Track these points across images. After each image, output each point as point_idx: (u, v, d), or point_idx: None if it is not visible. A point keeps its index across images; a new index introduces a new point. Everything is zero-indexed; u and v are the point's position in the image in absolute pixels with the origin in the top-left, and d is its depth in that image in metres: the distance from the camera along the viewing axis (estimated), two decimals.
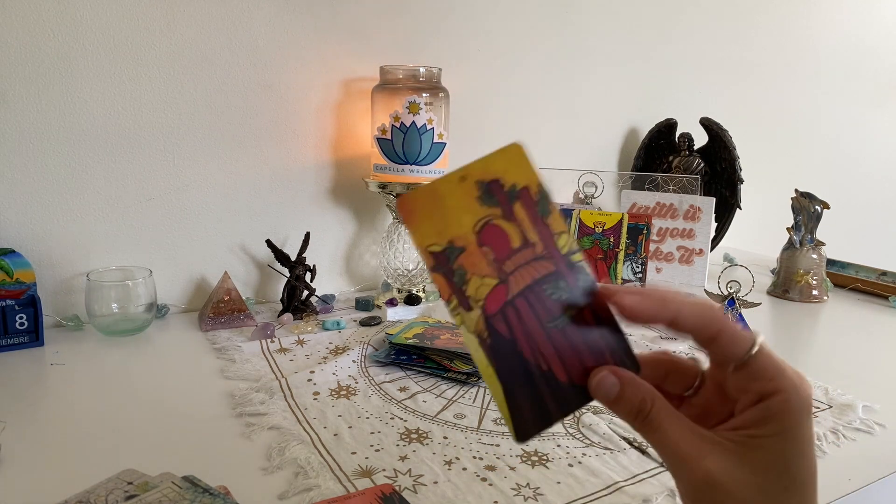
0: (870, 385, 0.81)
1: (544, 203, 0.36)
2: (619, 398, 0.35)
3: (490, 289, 0.35)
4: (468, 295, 0.35)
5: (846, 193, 1.90)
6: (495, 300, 0.35)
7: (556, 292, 0.36)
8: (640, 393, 0.35)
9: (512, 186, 0.36)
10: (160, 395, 0.72)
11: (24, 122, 0.86)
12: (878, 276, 1.25)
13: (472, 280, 0.35)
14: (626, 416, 0.35)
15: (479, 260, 0.35)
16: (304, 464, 0.57)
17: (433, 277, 0.35)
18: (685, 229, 1.24)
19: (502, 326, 0.35)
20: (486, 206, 0.36)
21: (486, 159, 0.36)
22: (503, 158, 0.36)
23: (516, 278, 0.36)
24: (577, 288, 0.36)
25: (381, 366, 0.81)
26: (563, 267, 0.36)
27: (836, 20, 1.81)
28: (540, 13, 1.25)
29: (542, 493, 0.55)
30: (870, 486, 0.59)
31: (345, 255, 1.14)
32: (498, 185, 0.36)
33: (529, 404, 0.35)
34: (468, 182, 0.36)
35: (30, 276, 0.83)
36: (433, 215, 0.35)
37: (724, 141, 1.34)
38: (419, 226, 0.35)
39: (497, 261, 0.36)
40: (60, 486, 0.52)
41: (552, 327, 0.36)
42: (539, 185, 0.37)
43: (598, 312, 0.36)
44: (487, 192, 0.36)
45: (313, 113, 1.05)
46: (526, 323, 0.35)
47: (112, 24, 0.89)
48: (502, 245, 0.36)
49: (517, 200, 0.36)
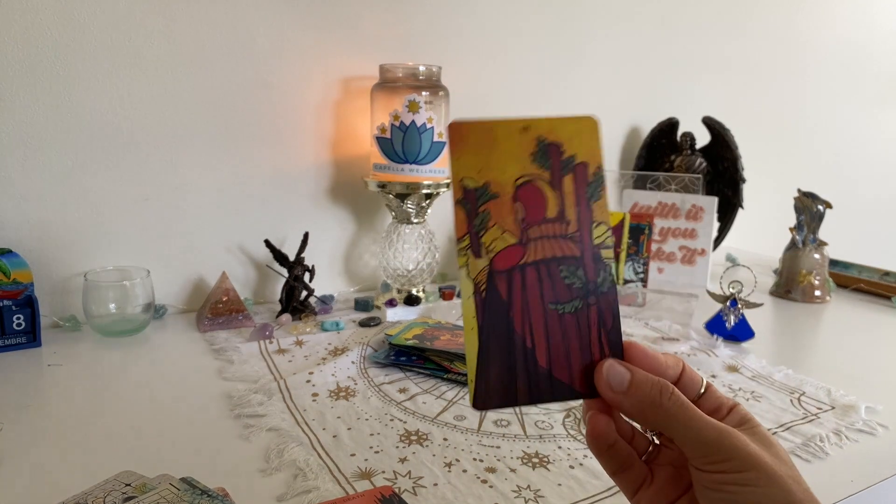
0: (872, 386, 0.80)
1: (597, 187, 0.35)
2: (631, 386, 0.34)
3: (506, 245, 0.34)
4: (482, 241, 0.34)
5: (849, 193, 1.90)
6: (506, 258, 0.34)
7: (570, 277, 0.35)
8: (653, 378, 0.34)
9: (571, 157, 0.35)
10: (158, 396, 0.71)
11: (21, 122, 0.85)
12: (880, 276, 1.25)
13: (492, 229, 0.34)
14: (640, 406, 0.34)
15: (508, 213, 0.34)
16: (302, 465, 0.57)
17: (455, 209, 0.34)
18: (687, 229, 1.24)
19: (503, 286, 0.34)
20: (537, 165, 0.34)
21: (555, 120, 0.35)
22: (574, 126, 0.35)
23: (536, 247, 0.34)
24: (593, 283, 0.35)
25: (380, 367, 0.80)
26: (588, 256, 0.35)
27: (839, 19, 1.80)
28: (540, 12, 1.24)
29: (543, 496, 0.54)
30: (872, 487, 0.58)
31: (344, 255, 1.13)
32: (557, 149, 0.35)
33: (499, 375, 0.34)
34: (529, 135, 0.34)
35: (27, 277, 0.83)
36: (480, 151, 0.34)
37: (727, 140, 1.34)
38: (462, 156, 0.34)
39: (525, 222, 0.34)
40: (58, 488, 0.52)
41: (552, 309, 0.34)
42: (598, 167, 0.35)
43: (604, 318, 0.35)
44: (544, 152, 0.34)
45: (312, 112, 1.05)
46: (528, 293, 0.34)
47: (111, 24, 0.88)
48: (536, 209, 0.34)
49: (570, 172, 0.35)
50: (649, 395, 0.33)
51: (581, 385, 0.35)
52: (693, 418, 0.33)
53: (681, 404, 0.33)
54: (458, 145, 0.34)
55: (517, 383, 0.34)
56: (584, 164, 0.35)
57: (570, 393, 0.35)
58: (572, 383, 0.35)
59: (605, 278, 0.35)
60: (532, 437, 0.64)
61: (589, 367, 0.35)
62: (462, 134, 0.34)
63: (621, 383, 0.34)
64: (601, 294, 0.35)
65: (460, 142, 0.34)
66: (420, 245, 1.03)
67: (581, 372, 0.35)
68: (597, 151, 0.35)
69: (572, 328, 0.35)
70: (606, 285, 0.35)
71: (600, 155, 0.35)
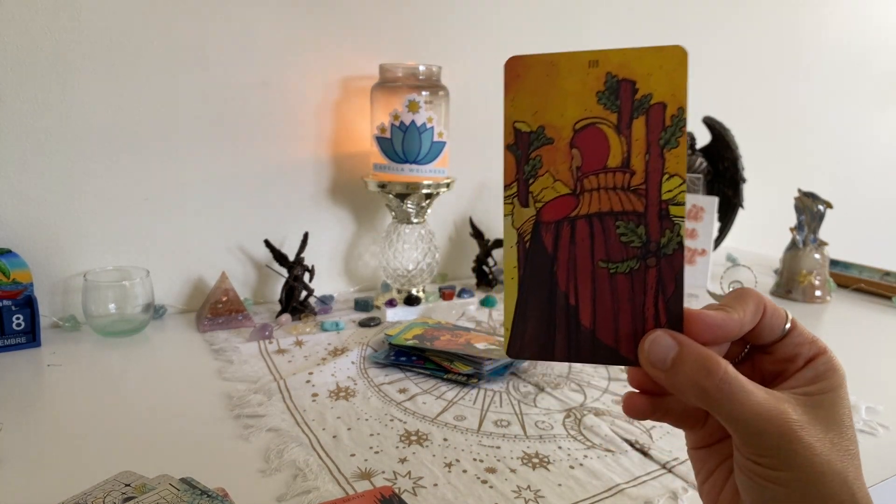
0: (873, 386, 0.80)
1: (675, 132, 0.30)
2: (678, 361, 0.30)
3: (557, 195, 0.31)
4: (531, 191, 0.31)
5: (850, 193, 1.90)
6: (556, 209, 0.31)
7: (628, 234, 0.31)
8: (705, 354, 0.30)
9: (646, 96, 0.30)
10: (158, 396, 0.71)
11: (21, 122, 0.85)
12: (881, 276, 1.25)
13: (543, 177, 0.31)
14: (688, 382, 0.30)
15: (563, 161, 0.31)
16: (302, 466, 0.57)
17: (504, 155, 0.31)
18: (687, 229, 1.23)
19: (549, 239, 0.31)
20: (603, 106, 0.30)
21: (632, 51, 0.30)
22: (656, 58, 0.30)
23: (592, 198, 0.31)
24: (655, 243, 0.31)
25: (380, 367, 0.80)
26: (653, 212, 0.31)
27: (840, 19, 1.80)
28: (540, 11, 1.24)
29: (544, 496, 0.54)
30: (872, 487, 0.58)
31: (343, 255, 1.13)
32: (630, 87, 0.30)
33: (536, 328, 0.32)
34: (597, 70, 0.30)
35: (27, 277, 0.83)
36: (538, 91, 0.31)
37: (727, 140, 1.34)
38: (517, 96, 0.31)
39: (581, 170, 0.31)
40: (57, 488, 0.51)
41: (603, 267, 0.31)
42: (680, 109, 0.30)
43: (664, 283, 0.31)
44: (613, 91, 0.30)
45: (312, 112, 1.05)
46: (577, 248, 0.31)
47: (110, 24, 0.88)
48: (597, 156, 0.31)
49: (643, 115, 0.30)
50: (693, 377, 0.30)
51: (627, 350, 0.32)
52: (741, 406, 0.29)
53: (728, 391, 0.30)
54: (514, 83, 0.31)
55: (555, 339, 0.32)
56: (661, 104, 0.30)
57: (613, 357, 0.32)
58: (618, 347, 0.32)
59: (671, 239, 0.31)
60: (532, 438, 0.64)
61: (639, 335, 0.32)
62: (518, 71, 0.31)
63: (664, 360, 0.31)
64: (664, 256, 0.31)
65: (517, 79, 0.31)
66: (420, 245, 1.03)
67: (629, 337, 0.32)
68: (681, 90, 0.30)
69: (624, 290, 0.31)
70: (672, 247, 0.31)
71: (684, 94, 0.30)
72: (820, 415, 0.31)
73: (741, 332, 0.32)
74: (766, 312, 0.33)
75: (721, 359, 0.31)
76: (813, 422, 0.31)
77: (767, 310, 0.33)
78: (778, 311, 0.33)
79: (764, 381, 0.34)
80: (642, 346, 0.32)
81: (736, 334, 0.32)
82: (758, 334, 0.33)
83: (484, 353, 0.78)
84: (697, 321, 0.31)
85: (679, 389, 0.31)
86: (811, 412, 0.31)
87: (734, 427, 0.30)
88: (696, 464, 0.37)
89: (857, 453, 0.31)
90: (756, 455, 0.30)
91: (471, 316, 1.02)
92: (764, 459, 0.30)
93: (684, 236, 0.31)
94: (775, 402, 0.30)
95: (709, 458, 0.36)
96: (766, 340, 0.33)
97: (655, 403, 0.35)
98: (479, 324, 0.98)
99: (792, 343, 0.33)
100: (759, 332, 0.33)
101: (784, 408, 0.30)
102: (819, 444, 0.30)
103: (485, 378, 0.76)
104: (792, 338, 0.33)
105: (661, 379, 0.31)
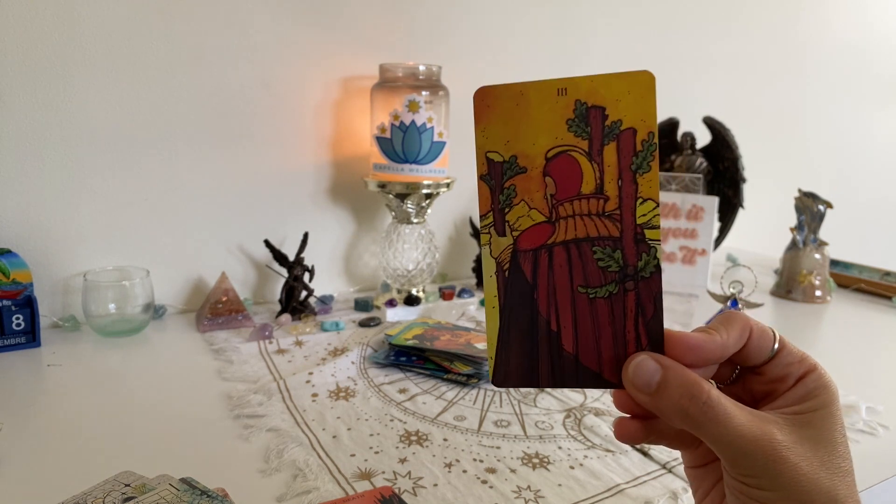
0: (873, 386, 0.80)
1: (646, 157, 0.30)
2: (662, 385, 0.30)
3: (533, 223, 0.31)
4: (507, 220, 0.32)
5: (850, 193, 1.90)
6: (532, 238, 0.31)
7: (605, 259, 0.31)
8: (690, 378, 0.30)
9: (616, 122, 0.30)
10: (158, 396, 0.71)
11: (21, 123, 0.85)
12: (881, 276, 1.25)
13: (518, 206, 0.31)
14: (673, 406, 0.30)
15: (537, 189, 0.31)
16: (302, 466, 0.57)
17: (479, 185, 0.32)
18: (688, 229, 1.23)
19: (528, 267, 0.32)
20: (574, 133, 0.30)
21: (600, 78, 0.30)
22: (624, 83, 0.30)
23: (568, 225, 0.31)
24: (632, 267, 0.31)
25: (380, 367, 0.80)
26: (629, 237, 0.31)
27: (840, 19, 1.80)
28: (540, 12, 1.24)
29: (544, 496, 0.54)
30: (872, 487, 0.58)
31: (343, 255, 1.13)
32: (600, 113, 0.30)
33: (519, 355, 0.32)
34: (566, 98, 0.30)
35: (26, 277, 0.83)
36: (509, 121, 0.31)
37: (727, 140, 1.34)
38: (488, 126, 0.31)
39: (556, 198, 0.31)
40: (57, 489, 0.51)
41: (582, 293, 0.32)
42: (651, 134, 0.30)
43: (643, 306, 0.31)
44: (583, 118, 0.30)
45: (312, 112, 1.05)
46: (555, 275, 0.31)
47: (109, 24, 0.88)
48: (570, 184, 0.31)
49: (614, 141, 0.30)
50: (677, 402, 0.30)
51: (610, 374, 0.33)
52: (725, 429, 0.30)
53: (712, 416, 0.30)
54: (485, 113, 0.31)
55: (539, 365, 0.32)
56: (631, 130, 0.30)
57: (597, 381, 0.33)
58: (601, 371, 0.33)
59: (647, 262, 0.31)
60: (532, 438, 0.64)
61: (621, 358, 0.32)
62: (488, 101, 0.31)
63: (648, 384, 0.31)
64: (641, 280, 0.31)
65: (487, 109, 0.31)
66: (420, 245, 1.03)
67: (612, 361, 0.32)
68: (650, 115, 0.30)
69: (605, 315, 0.32)
70: (649, 270, 0.31)
71: (654, 119, 0.30)
72: (809, 434, 0.31)
73: (724, 354, 0.32)
74: (752, 335, 0.33)
75: (705, 382, 0.31)
76: (800, 441, 0.31)
77: (754, 332, 0.33)
78: (766, 332, 0.33)
79: (755, 401, 0.34)
80: (626, 370, 0.32)
81: (719, 356, 0.32)
82: (746, 356, 0.33)
83: (484, 353, 0.78)
84: (678, 343, 0.32)
85: (664, 413, 0.31)
86: (799, 431, 0.31)
87: (719, 449, 0.31)
88: (694, 482, 0.38)
89: (849, 470, 0.31)
90: (743, 476, 0.31)
91: (471, 316, 1.02)
92: (751, 480, 0.30)
93: (661, 259, 0.31)
94: (760, 424, 0.30)
95: (705, 477, 0.37)
96: (755, 362, 0.33)
97: (647, 427, 0.35)
98: (479, 324, 0.98)
99: (781, 363, 0.33)
100: (748, 354, 0.33)
101: (769, 429, 0.30)
102: (805, 464, 0.30)
103: (485, 378, 0.76)
104: (781, 358, 0.33)
105: (646, 403, 0.31)
